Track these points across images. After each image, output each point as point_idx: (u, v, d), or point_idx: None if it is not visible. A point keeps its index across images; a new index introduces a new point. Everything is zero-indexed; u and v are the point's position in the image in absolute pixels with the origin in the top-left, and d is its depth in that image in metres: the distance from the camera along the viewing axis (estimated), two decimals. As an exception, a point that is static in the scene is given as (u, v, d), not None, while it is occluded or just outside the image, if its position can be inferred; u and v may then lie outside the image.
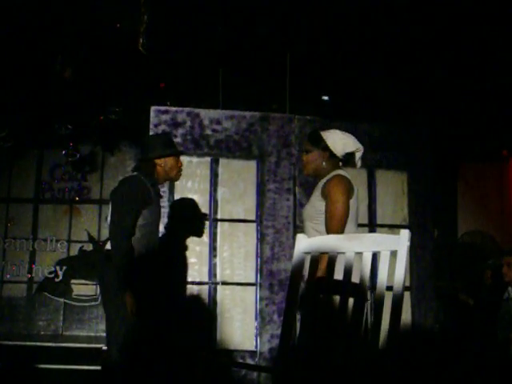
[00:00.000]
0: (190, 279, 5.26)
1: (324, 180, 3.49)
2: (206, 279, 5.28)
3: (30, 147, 7.76)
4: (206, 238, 5.32)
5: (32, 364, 5.68)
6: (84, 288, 7.63)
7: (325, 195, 3.40)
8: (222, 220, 5.39)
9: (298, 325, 2.72)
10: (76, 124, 6.83)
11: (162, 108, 5.46)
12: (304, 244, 2.71)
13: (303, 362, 2.54)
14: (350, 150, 3.56)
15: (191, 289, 5.25)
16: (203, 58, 6.06)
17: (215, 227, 5.36)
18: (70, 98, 6.47)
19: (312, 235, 3.34)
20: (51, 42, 5.63)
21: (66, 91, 6.27)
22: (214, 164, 5.44)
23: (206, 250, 5.32)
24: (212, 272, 5.29)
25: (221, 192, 5.43)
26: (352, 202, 3.44)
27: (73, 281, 7.67)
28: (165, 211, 5.14)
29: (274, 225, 5.33)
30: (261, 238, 5.34)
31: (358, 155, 3.62)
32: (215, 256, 5.31)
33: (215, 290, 5.27)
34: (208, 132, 5.38)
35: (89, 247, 7.78)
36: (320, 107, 6.56)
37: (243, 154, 5.45)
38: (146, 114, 5.42)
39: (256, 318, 5.26)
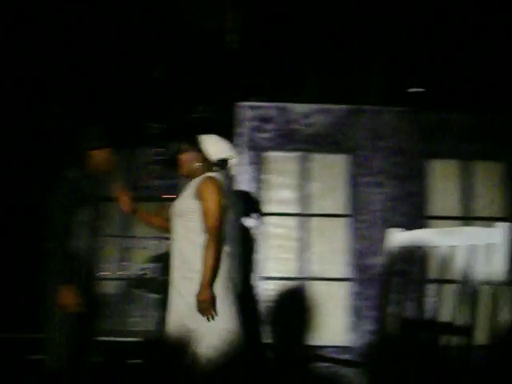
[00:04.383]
0: (280, 275, 5.29)
1: (196, 180, 3.65)
2: (297, 275, 5.29)
3: (121, 146, 7.94)
4: (294, 233, 5.33)
5: (124, 359, 5.83)
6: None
7: (198, 195, 3.57)
8: (313, 215, 5.37)
9: (390, 320, 2.69)
10: (165, 122, 6.97)
11: (250, 104, 5.48)
12: (396, 238, 2.75)
13: (396, 356, 2.53)
14: (223, 156, 3.76)
15: (283, 284, 5.26)
16: (289, 52, 6.04)
17: (306, 222, 5.35)
18: (159, 98, 6.60)
19: (180, 231, 3.58)
20: (141, 44, 5.75)
21: (155, 91, 6.41)
22: (304, 159, 5.42)
23: (296, 245, 5.32)
24: (303, 267, 5.28)
25: (311, 187, 5.41)
26: (224, 202, 3.61)
27: (163, 277, 7.82)
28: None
29: (366, 219, 5.26)
30: (353, 232, 5.28)
31: (232, 162, 3.81)
32: (306, 251, 5.30)
33: (306, 285, 5.26)
34: (297, 126, 5.36)
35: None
36: (411, 99, 6.44)
37: (333, 148, 5.41)
38: (231, 110, 5.45)
39: (348, 314, 5.23)
